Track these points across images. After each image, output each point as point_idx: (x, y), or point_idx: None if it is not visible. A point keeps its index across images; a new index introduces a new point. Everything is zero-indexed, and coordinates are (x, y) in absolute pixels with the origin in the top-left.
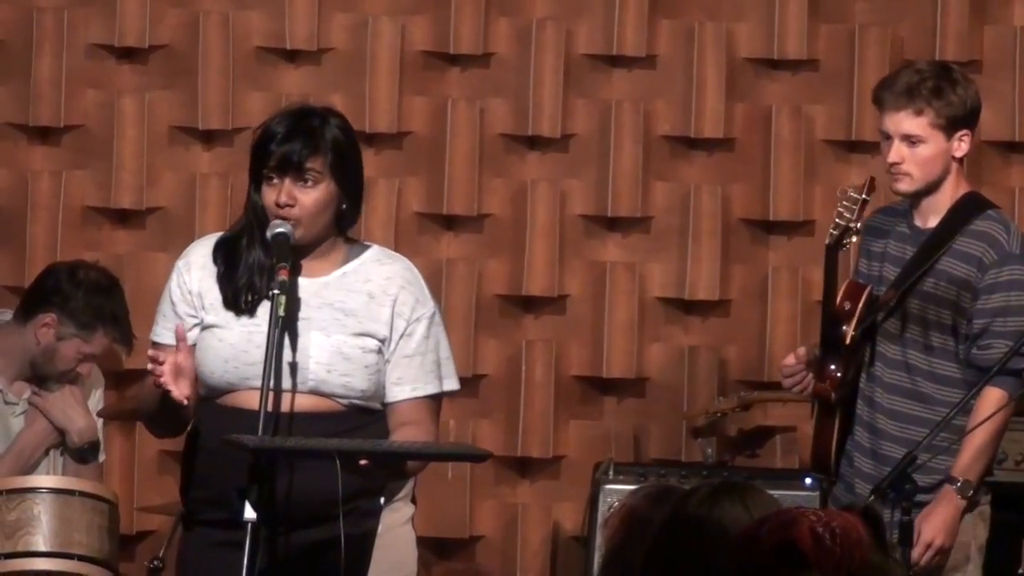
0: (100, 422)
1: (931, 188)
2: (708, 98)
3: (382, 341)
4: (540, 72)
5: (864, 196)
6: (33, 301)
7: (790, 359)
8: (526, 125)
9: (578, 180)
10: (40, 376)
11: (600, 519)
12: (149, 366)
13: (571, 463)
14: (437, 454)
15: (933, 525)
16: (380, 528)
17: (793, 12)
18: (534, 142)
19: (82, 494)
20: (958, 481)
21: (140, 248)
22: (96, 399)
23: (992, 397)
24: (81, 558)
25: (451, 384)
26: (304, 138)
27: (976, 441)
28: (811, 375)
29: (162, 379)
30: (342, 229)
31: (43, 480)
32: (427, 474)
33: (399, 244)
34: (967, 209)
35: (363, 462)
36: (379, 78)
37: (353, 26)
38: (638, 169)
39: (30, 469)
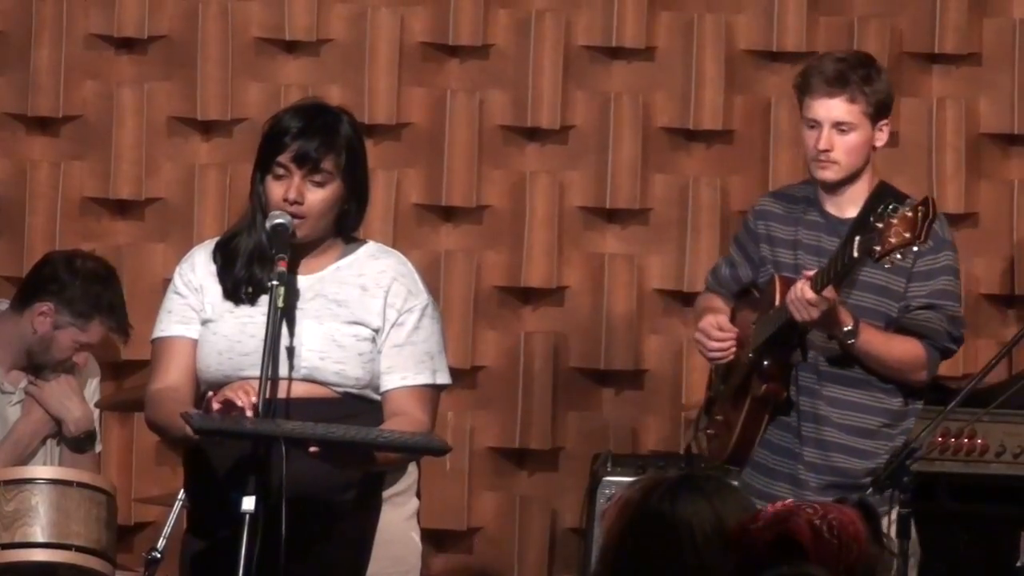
0: (97, 412)
1: (853, 177)
2: (707, 90)
3: (375, 331)
4: (539, 64)
5: (931, 216)
6: (30, 290)
7: (713, 323)
8: (525, 117)
9: (577, 172)
10: (36, 365)
11: (598, 511)
12: (234, 397)
13: (569, 455)
14: (390, 444)
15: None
16: (381, 522)
17: (792, 4)
18: (533, 134)
19: (80, 485)
20: (857, 327)
21: (139, 239)
22: (92, 389)
23: (915, 345)
24: (79, 549)
25: (443, 378)
26: (322, 134)
27: (889, 341)
28: (735, 346)
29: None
30: (344, 230)
31: (41, 471)
32: (425, 466)
33: (398, 236)
34: (886, 198)
35: (312, 449)
36: (378, 69)
37: (352, 17)
38: (637, 161)
39: (26, 459)
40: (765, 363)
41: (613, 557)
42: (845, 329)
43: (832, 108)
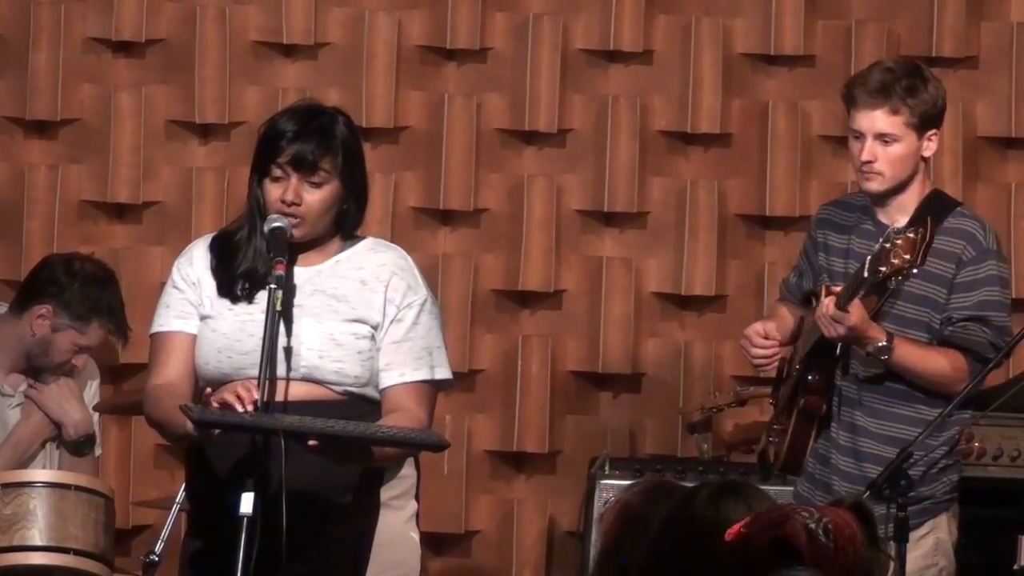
0: (96, 416)
1: (900, 187)
2: (704, 93)
3: (375, 327)
4: (537, 67)
5: (927, 239)
6: (29, 292)
7: (759, 330)
8: (523, 120)
9: (575, 175)
10: (35, 368)
11: (596, 514)
12: (233, 400)
13: (567, 458)
14: (389, 439)
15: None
16: (380, 525)
17: (790, 7)
18: (531, 137)
19: (78, 488)
20: (891, 342)
21: (137, 242)
22: (91, 392)
23: (954, 357)
24: (77, 552)
25: (443, 373)
26: (318, 137)
27: (925, 355)
28: (780, 354)
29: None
30: (345, 229)
31: (39, 474)
32: (422, 468)
33: (395, 239)
34: (936, 207)
35: (312, 443)
36: (376, 73)
37: (350, 20)
38: (634, 164)
39: (26, 462)
40: (809, 376)
41: (611, 560)
42: (878, 345)
43: (875, 120)
